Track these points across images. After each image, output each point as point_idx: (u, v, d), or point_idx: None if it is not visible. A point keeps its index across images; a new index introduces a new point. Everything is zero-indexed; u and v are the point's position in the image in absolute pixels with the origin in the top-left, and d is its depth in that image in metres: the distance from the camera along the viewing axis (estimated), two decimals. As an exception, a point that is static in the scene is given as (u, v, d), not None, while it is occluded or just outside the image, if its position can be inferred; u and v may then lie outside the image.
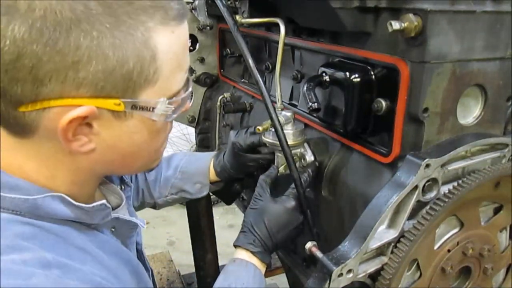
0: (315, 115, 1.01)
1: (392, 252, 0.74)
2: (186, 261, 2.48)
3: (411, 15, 0.69)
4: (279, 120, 0.91)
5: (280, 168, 1.02)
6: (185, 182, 1.16)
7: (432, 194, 0.75)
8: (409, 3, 0.72)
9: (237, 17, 1.06)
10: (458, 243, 0.81)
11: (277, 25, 0.98)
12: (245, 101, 1.38)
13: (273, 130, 0.93)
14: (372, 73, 0.83)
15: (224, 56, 1.51)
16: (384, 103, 0.80)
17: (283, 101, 1.01)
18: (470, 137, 0.80)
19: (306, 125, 1.04)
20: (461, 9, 0.71)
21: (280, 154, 1.01)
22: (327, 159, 0.99)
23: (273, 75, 1.22)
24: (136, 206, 1.17)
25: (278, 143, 0.91)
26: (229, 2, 1.12)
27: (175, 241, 3.09)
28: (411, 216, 0.75)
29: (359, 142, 0.90)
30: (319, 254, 0.76)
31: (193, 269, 1.93)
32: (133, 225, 0.82)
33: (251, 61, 0.95)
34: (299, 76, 1.07)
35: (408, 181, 0.72)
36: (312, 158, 0.99)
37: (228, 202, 1.30)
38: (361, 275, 0.74)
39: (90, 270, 0.62)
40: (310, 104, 0.84)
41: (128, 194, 0.89)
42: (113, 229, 0.76)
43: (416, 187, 0.73)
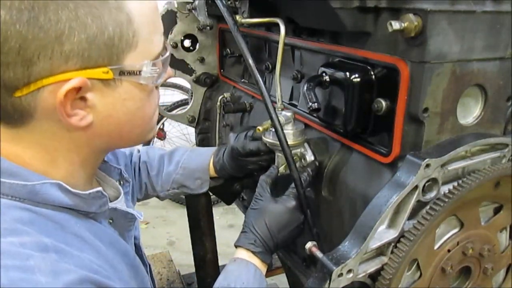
0: (315, 115, 1.01)
1: (392, 252, 0.74)
2: (186, 261, 2.48)
3: (411, 15, 0.69)
4: (279, 120, 0.91)
5: (280, 168, 1.02)
6: (186, 178, 1.17)
7: (432, 194, 0.75)
8: (409, 3, 0.72)
9: (237, 17, 1.06)
10: (458, 243, 0.81)
11: (277, 25, 0.98)
12: (245, 101, 1.38)
13: (273, 130, 0.93)
14: (372, 73, 0.83)
15: (224, 56, 1.51)
16: (384, 103, 0.80)
17: (283, 101, 1.01)
18: (470, 137, 0.80)
19: (306, 125, 1.04)
20: (461, 9, 0.71)
21: (280, 154, 1.01)
22: (327, 159, 0.99)
23: (273, 75, 1.22)
24: (140, 198, 1.21)
25: (278, 143, 0.91)
26: (229, 2, 1.12)
27: (175, 241, 3.09)
28: (411, 216, 0.75)
29: (359, 142, 0.90)
30: (319, 254, 0.76)
31: (193, 269, 1.93)
32: (131, 218, 0.83)
33: (251, 61, 0.95)
34: (299, 76, 1.07)
35: (408, 181, 0.72)
36: (312, 158, 0.99)
37: (228, 202, 1.30)
38: (361, 275, 0.74)
39: (87, 257, 0.63)
40: (310, 104, 0.84)
41: (126, 190, 0.90)
42: (111, 221, 0.77)
43: (416, 187, 0.73)
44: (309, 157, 1.00)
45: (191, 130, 2.15)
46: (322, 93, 0.95)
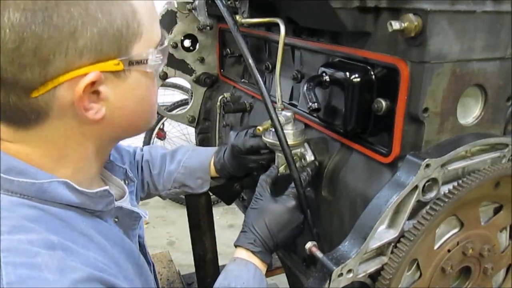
0: (315, 115, 1.01)
1: (392, 252, 0.74)
2: (186, 261, 2.48)
3: (411, 15, 0.69)
4: (279, 120, 0.91)
5: (280, 168, 1.02)
6: (187, 177, 1.18)
7: (432, 194, 0.75)
8: (409, 3, 0.72)
9: (237, 17, 1.06)
10: (458, 243, 0.81)
11: (277, 25, 0.98)
12: (245, 101, 1.38)
13: (273, 130, 0.93)
14: (372, 73, 0.83)
15: (224, 56, 1.51)
16: (384, 103, 0.80)
17: (283, 101, 1.01)
18: (470, 137, 0.80)
19: (306, 125, 1.04)
20: (461, 9, 0.71)
21: (280, 154, 1.01)
22: (327, 159, 0.99)
23: (273, 75, 1.22)
24: (143, 197, 1.22)
25: (278, 143, 0.91)
26: (229, 2, 1.12)
27: (175, 241, 3.09)
28: (411, 216, 0.75)
29: (359, 142, 0.90)
30: (319, 254, 0.76)
31: (193, 269, 1.93)
32: (136, 217, 0.83)
33: (251, 61, 0.95)
34: (299, 76, 1.07)
35: (408, 181, 0.72)
36: (312, 158, 0.99)
37: (228, 202, 1.30)
38: (361, 275, 0.74)
39: (93, 255, 0.64)
40: (310, 104, 0.84)
41: (131, 189, 0.91)
42: (116, 219, 0.78)
43: (416, 187, 0.73)
44: (309, 157, 1.00)
45: (191, 130, 2.15)
46: (322, 93, 0.95)
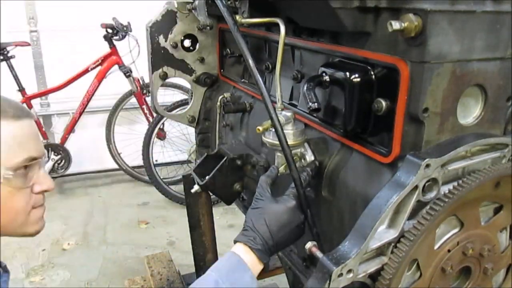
0: (315, 115, 1.01)
1: (392, 252, 0.74)
2: (186, 261, 2.48)
3: (411, 15, 0.69)
4: (279, 120, 0.91)
5: (280, 168, 1.02)
6: None
7: (432, 194, 0.75)
8: (409, 3, 0.72)
9: (237, 17, 1.06)
10: (458, 243, 0.81)
11: (277, 25, 0.98)
12: (245, 101, 1.38)
13: (273, 130, 0.93)
14: (372, 73, 0.83)
15: (224, 56, 1.51)
16: (384, 103, 0.80)
17: (283, 101, 1.01)
18: (470, 137, 0.80)
19: (306, 125, 1.04)
20: (461, 9, 0.71)
21: (280, 154, 1.01)
22: (327, 159, 0.99)
23: (273, 75, 1.22)
24: None
25: (278, 143, 0.91)
26: (229, 2, 1.12)
27: (175, 241, 3.08)
28: (411, 216, 0.75)
29: (359, 142, 0.90)
30: (319, 254, 0.76)
31: (193, 269, 1.93)
32: None
33: (251, 61, 0.95)
34: (299, 76, 1.07)
35: (408, 181, 0.72)
36: (312, 158, 0.99)
37: (228, 202, 1.30)
38: (361, 275, 0.74)
39: None
40: (310, 104, 0.84)
41: (4, 279, 0.97)
42: None
43: (416, 187, 0.73)
44: (309, 157, 1.00)
45: (191, 130, 2.15)
46: (322, 93, 0.95)
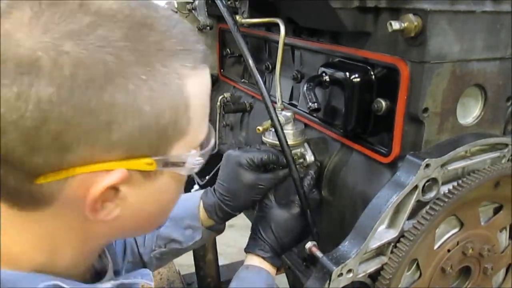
0: (315, 115, 1.01)
1: (392, 252, 0.75)
2: (186, 261, 2.48)
3: (411, 15, 0.69)
4: (279, 120, 0.91)
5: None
6: (172, 229, 0.96)
7: (432, 194, 0.75)
8: (409, 3, 0.72)
9: (237, 17, 1.06)
10: (458, 243, 0.81)
11: (277, 25, 0.98)
12: (245, 101, 1.38)
13: (273, 130, 0.93)
14: (372, 73, 0.83)
15: (224, 56, 1.51)
16: (384, 103, 0.80)
17: (283, 101, 1.01)
18: (470, 137, 0.80)
19: (306, 125, 1.04)
20: (461, 9, 0.71)
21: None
22: (327, 159, 0.99)
23: (273, 75, 1.22)
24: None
25: (278, 143, 0.91)
26: (229, 2, 1.12)
27: (175, 241, 3.08)
28: (411, 216, 0.75)
29: (359, 142, 0.90)
30: (319, 254, 0.76)
31: (193, 269, 1.93)
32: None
33: (251, 61, 0.95)
34: (299, 76, 1.07)
35: (408, 181, 0.72)
36: (312, 158, 0.99)
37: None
38: (361, 275, 0.74)
39: None
40: (310, 104, 0.84)
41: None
42: None
43: (416, 187, 0.73)
44: (309, 157, 1.00)
45: (191, 130, 2.15)
46: (322, 93, 0.95)
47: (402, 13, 0.72)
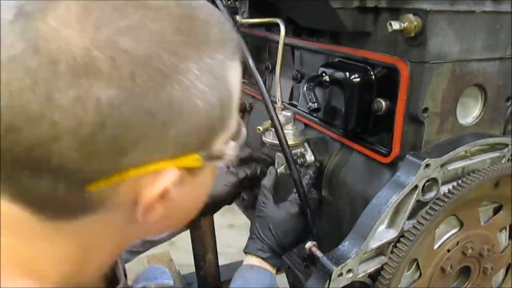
0: (315, 115, 1.01)
1: (392, 252, 0.75)
2: (186, 261, 2.48)
3: (411, 15, 0.70)
4: (279, 120, 0.91)
5: (280, 168, 1.02)
6: None
7: (432, 194, 0.76)
8: (409, 3, 0.72)
9: (237, 17, 1.06)
10: (457, 243, 0.81)
11: (277, 25, 0.98)
12: (245, 101, 1.38)
13: (273, 130, 0.94)
14: (372, 73, 0.83)
15: (224, 56, 1.51)
16: (384, 103, 0.80)
17: (283, 101, 1.01)
18: (469, 137, 0.80)
19: (306, 125, 1.04)
20: (460, 9, 0.71)
21: (280, 154, 1.01)
22: (327, 159, 0.99)
23: (273, 75, 1.22)
24: None
25: (278, 143, 0.91)
26: (229, 2, 1.12)
27: (175, 241, 3.08)
28: (411, 216, 0.75)
29: (359, 142, 0.90)
30: (319, 254, 0.76)
31: (193, 269, 1.93)
32: None
33: (251, 61, 0.95)
34: (299, 76, 1.07)
35: (408, 181, 0.72)
36: (312, 158, 0.99)
37: (228, 202, 1.30)
38: (361, 275, 0.74)
39: None
40: (310, 104, 0.85)
41: None
42: None
43: (416, 187, 0.73)
44: (309, 157, 1.00)
45: (191, 130, 2.15)
46: (322, 93, 0.95)
47: (402, 13, 0.72)
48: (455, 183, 0.74)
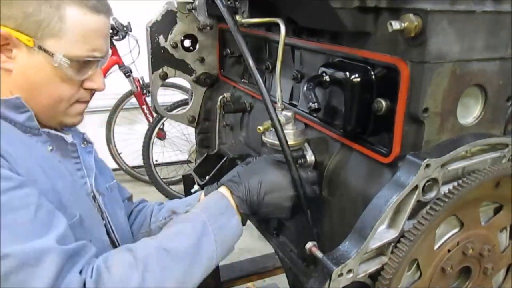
0: (315, 115, 1.01)
1: (392, 252, 0.74)
2: (186, 261, 2.47)
3: (411, 15, 0.69)
4: (279, 120, 0.91)
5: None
6: (178, 205, 1.14)
7: (432, 194, 0.75)
8: (409, 3, 0.72)
9: (237, 17, 1.06)
10: (458, 243, 0.81)
11: (277, 25, 0.98)
12: (245, 101, 1.38)
13: (273, 130, 0.93)
14: (372, 73, 0.83)
15: (224, 56, 1.51)
16: (384, 103, 0.80)
17: (283, 101, 1.01)
18: (470, 137, 0.80)
19: (306, 125, 1.04)
20: (461, 9, 0.71)
21: (280, 154, 1.01)
22: (327, 159, 0.99)
23: (273, 75, 1.22)
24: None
25: (278, 143, 0.91)
26: (229, 2, 1.12)
27: (175, 241, 3.09)
28: (411, 216, 0.75)
29: (359, 142, 0.90)
30: (319, 254, 0.76)
31: (193, 269, 1.93)
32: (72, 150, 0.95)
33: (251, 61, 0.95)
34: (299, 76, 1.07)
35: (408, 181, 0.72)
36: (312, 158, 0.99)
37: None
38: (361, 275, 0.74)
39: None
40: (310, 104, 0.84)
41: (89, 149, 1.03)
42: (51, 148, 0.91)
43: (416, 187, 0.73)
44: (309, 157, 1.00)
45: (191, 130, 2.15)
46: (322, 93, 0.95)
47: (402, 13, 0.72)
48: (455, 183, 0.74)
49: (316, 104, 0.84)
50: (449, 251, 0.81)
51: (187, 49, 1.58)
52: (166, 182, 3.66)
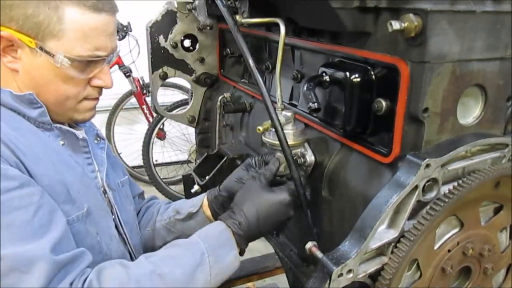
0: (315, 115, 1.01)
1: (392, 252, 0.74)
2: (186, 261, 2.47)
3: (411, 15, 0.69)
4: (279, 120, 0.91)
5: (280, 168, 1.02)
6: (182, 205, 1.16)
7: (432, 194, 0.75)
8: (409, 3, 0.72)
9: (237, 17, 1.06)
10: (458, 243, 0.81)
11: (277, 25, 0.98)
12: (245, 101, 1.38)
13: (273, 130, 0.93)
14: (372, 73, 0.83)
15: (224, 56, 1.51)
16: (384, 103, 0.80)
17: (283, 101, 1.01)
18: (470, 137, 0.80)
19: (306, 125, 1.04)
20: (461, 9, 0.71)
21: (280, 154, 1.01)
22: (327, 159, 0.99)
23: (273, 75, 1.22)
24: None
25: (278, 143, 0.91)
26: (229, 2, 1.12)
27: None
28: (411, 216, 0.75)
29: (359, 142, 0.90)
30: (319, 254, 0.76)
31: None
32: (83, 145, 0.97)
33: (251, 61, 0.95)
34: (299, 76, 1.07)
35: (408, 181, 0.72)
36: (312, 158, 0.99)
37: (228, 202, 1.30)
38: (361, 275, 0.74)
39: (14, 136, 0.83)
40: (310, 104, 0.84)
41: (101, 146, 1.05)
42: (63, 142, 0.93)
43: (416, 187, 0.73)
44: (309, 157, 1.00)
45: (191, 130, 2.15)
46: (322, 93, 0.95)
47: (402, 13, 0.72)
48: (455, 183, 0.74)
49: (316, 104, 0.84)
50: (449, 251, 0.80)
51: (187, 49, 1.58)
52: (166, 182, 3.66)
